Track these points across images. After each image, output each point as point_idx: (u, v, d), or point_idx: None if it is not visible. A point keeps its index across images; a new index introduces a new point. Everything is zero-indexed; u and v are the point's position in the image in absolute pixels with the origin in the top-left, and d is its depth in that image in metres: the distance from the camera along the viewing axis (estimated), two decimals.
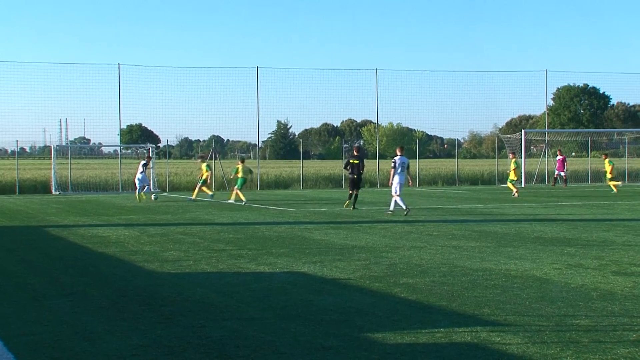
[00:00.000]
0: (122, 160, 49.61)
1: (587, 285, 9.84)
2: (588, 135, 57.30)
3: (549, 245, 14.26)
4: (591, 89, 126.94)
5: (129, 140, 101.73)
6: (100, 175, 46.51)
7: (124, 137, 56.26)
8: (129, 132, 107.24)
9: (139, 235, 17.16)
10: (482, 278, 10.54)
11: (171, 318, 8.22)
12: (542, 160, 50.89)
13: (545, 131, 57.40)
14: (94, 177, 45.23)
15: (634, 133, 65.18)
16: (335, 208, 26.06)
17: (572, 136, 69.80)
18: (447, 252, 13.52)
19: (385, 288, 9.89)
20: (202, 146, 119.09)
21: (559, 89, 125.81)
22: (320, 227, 18.68)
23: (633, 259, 12.23)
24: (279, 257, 13.11)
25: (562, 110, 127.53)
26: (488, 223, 19.44)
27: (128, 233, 17.78)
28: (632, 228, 17.58)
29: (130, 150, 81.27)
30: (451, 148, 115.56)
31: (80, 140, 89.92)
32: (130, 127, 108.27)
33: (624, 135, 61.10)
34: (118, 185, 42.77)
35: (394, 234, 16.92)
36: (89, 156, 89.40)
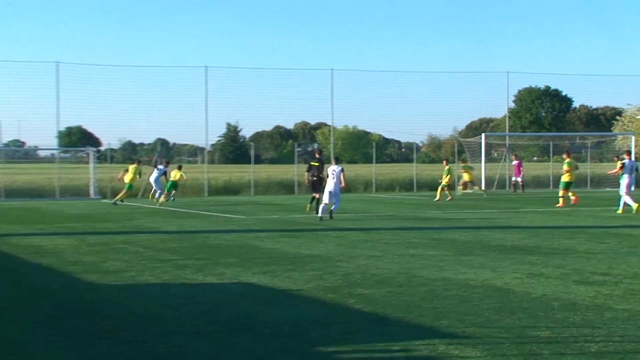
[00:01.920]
0: (60, 164, 48.96)
1: (548, 295, 9.97)
2: (550, 139, 58.12)
3: (510, 254, 14.43)
4: (553, 91, 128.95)
5: (68, 143, 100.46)
6: (37, 180, 45.86)
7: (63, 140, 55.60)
8: (68, 134, 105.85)
9: (78, 245, 16.95)
10: (441, 288, 10.62)
11: (112, 333, 8.12)
12: (502, 165, 51.48)
13: (506, 135, 58.14)
14: (30, 182, 44.59)
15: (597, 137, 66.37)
16: (288, 215, 26.05)
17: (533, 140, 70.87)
18: (405, 261, 13.59)
19: (340, 299, 9.91)
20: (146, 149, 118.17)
21: (520, 91, 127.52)
22: (272, 235, 18.65)
23: (595, 268, 12.44)
24: (228, 267, 13.06)
25: (523, 113, 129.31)
26: (447, 230, 19.60)
27: (66, 242, 17.55)
28: (595, 235, 17.87)
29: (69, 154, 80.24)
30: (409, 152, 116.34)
31: (14, 143, 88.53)
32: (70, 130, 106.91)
33: (586, 139, 62.15)
34: (55, 191, 42.20)
35: (349, 242, 16.96)
36: (23, 160, 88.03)
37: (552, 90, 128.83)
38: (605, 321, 8.39)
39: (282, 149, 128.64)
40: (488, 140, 50.33)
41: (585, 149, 59.65)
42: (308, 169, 26.70)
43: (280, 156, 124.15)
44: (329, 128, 64.01)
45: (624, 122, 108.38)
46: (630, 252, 14.52)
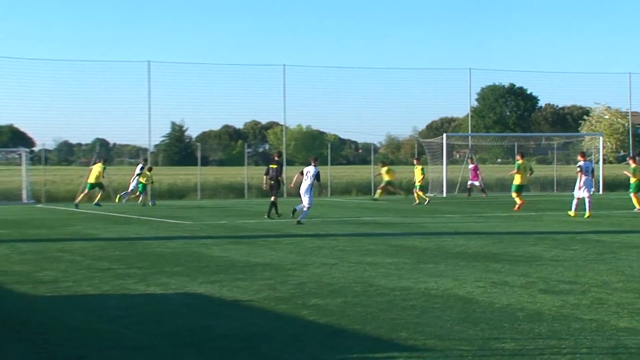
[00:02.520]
0: None
1: (513, 305, 10.07)
2: (514, 140, 58.75)
3: (472, 261, 14.55)
4: (518, 89, 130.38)
5: None
6: None
7: None
8: None
9: (9, 253, 16.71)
10: (400, 298, 10.67)
11: (46, 348, 8.02)
12: (465, 167, 51.92)
13: (469, 135, 58.64)
14: None
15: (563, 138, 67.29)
16: (237, 220, 25.99)
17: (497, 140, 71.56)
18: (361, 269, 13.63)
19: (293, 310, 9.90)
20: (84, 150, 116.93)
21: (483, 88, 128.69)
22: (220, 242, 18.59)
23: (562, 276, 12.60)
24: (173, 276, 12.98)
25: (486, 112, 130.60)
26: (406, 237, 19.71)
27: None
28: (561, 242, 18.11)
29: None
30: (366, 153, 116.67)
31: None
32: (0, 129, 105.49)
33: (552, 140, 62.95)
34: None
35: (303, 249, 16.97)
36: None
37: (516, 88, 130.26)
38: (572, 332, 8.50)
39: (231, 150, 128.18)
40: (450, 140, 50.77)
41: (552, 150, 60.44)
42: (266, 172, 27.05)
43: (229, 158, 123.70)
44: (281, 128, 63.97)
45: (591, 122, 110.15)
46: (598, 259, 14.74)
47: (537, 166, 67.34)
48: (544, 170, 56.12)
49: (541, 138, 69.92)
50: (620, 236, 19.34)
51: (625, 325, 8.81)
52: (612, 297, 10.55)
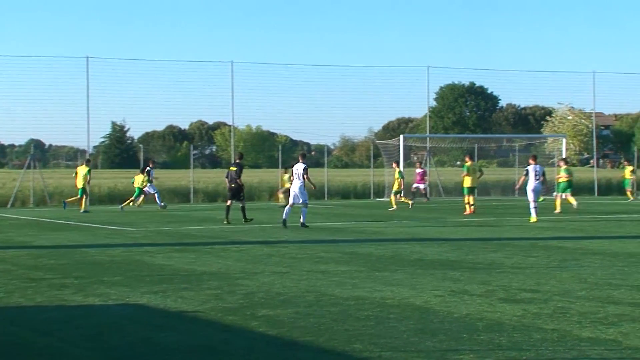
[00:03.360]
0: None
1: (472, 315, 10.17)
2: (475, 142, 59.26)
3: (430, 269, 14.65)
4: (478, 88, 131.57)
5: None
6: None
7: None
8: None
9: None
10: (354, 308, 10.71)
11: None
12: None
13: (427, 136, 59.00)
14: None
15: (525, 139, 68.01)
16: (182, 227, 25.88)
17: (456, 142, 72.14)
18: (314, 278, 13.65)
19: (241, 321, 9.89)
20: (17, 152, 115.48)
21: (442, 87, 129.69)
22: (163, 250, 18.49)
23: (523, 284, 12.74)
24: (113, 286, 12.89)
25: (445, 112, 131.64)
26: (361, 243, 19.77)
27: None
28: (522, 248, 18.31)
29: None
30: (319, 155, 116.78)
31: None
32: None
33: (514, 142, 63.59)
34: None
35: (252, 257, 16.95)
36: None
37: (477, 87, 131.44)
38: (534, 343, 8.61)
39: (176, 151, 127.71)
40: (407, 142, 51.05)
41: (513, 153, 61.06)
42: (226, 174, 27.71)
43: (173, 160, 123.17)
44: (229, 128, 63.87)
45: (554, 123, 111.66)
46: (560, 267, 14.93)
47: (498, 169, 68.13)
48: (505, 174, 56.75)
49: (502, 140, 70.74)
50: (582, 242, 19.62)
51: (587, 335, 8.94)
52: (574, 306, 10.69)
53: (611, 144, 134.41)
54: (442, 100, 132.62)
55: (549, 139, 79.34)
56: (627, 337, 8.80)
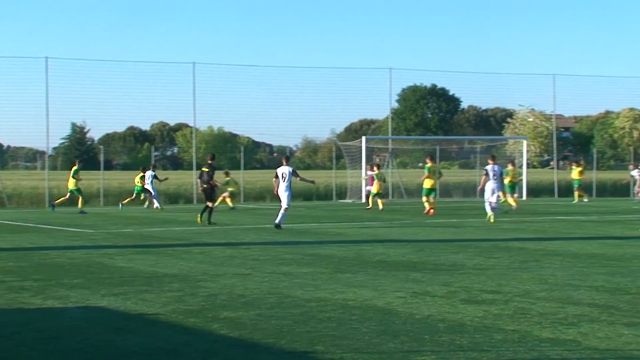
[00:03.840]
0: None
1: (434, 316, 10.21)
2: (436, 143, 59.60)
3: (392, 271, 14.70)
4: (440, 90, 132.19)
5: None
6: None
7: None
8: None
9: None
10: (316, 310, 10.71)
11: None
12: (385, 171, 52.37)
13: (389, 138, 59.25)
14: None
15: (486, 141, 68.43)
16: (143, 228, 25.74)
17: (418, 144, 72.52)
18: (276, 279, 13.65)
19: (203, 324, 9.86)
20: None
21: (404, 89, 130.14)
22: (124, 252, 18.38)
23: (484, 285, 12.82)
24: (72, 289, 12.79)
25: (408, 114, 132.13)
26: (324, 245, 19.79)
27: None
28: (484, 249, 18.43)
29: None
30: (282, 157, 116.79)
31: None
32: None
33: (475, 144, 63.98)
34: None
35: (214, 258, 16.90)
36: None
37: (438, 89, 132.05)
38: (495, 344, 8.66)
39: (137, 153, 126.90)
40: (369, 144, 51.13)
41: (475, 155, 61.44)
42: (199, 175, 28.06)
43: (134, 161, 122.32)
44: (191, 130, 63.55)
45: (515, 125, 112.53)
46: (521, 268, 15.05)
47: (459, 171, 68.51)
48: (467, 175, 57.07)
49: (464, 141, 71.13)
50: (543, 243, 19.78)
51: (547, 335, 9.02)
52: (534, 307, 10.78)
53: (571, 146, 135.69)
54: (405, 102, 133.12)
55: (510, 141, 79.82)
56: (586, 338, 8.88)
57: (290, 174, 24.97)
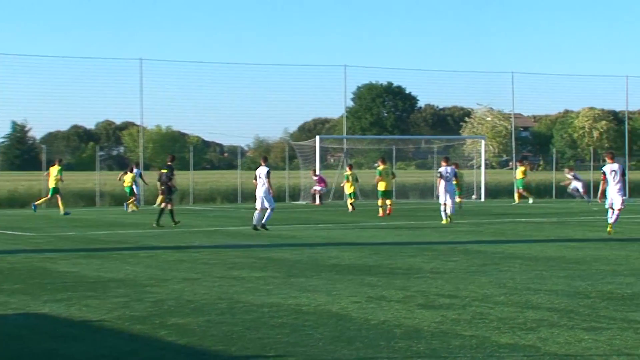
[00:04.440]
0: None
1: (390, 322, 10.25)
2: (393, 143, 59.82)
3: (347, 274, 14.72)
4: (396, 88, 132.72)
5: None
6: None
7: None
8: None
9: None
10: (268, 315, 10.70)
11: None
12: (340, 172, 52.46)
13: (344, 137, 59.31)
14: None
15: (444, 141, 68.87)
16: (88, 232, 25.54)
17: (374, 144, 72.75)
18: (227, 284, 13.61)
19: (149, 331, 9.81)
20: None
21: (359, 87, 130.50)
22: (68, 256, 18.23)
23: (441, 289, 12.89)
24: (12, 295, 12.65)
25: (363, 112, 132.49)
26: (276, 248, 19.78)
27: None
28: (441, 252, 18.53)
29: None
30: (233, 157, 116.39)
31: None
32: None
33: (432, 144, 64.32)
34: None
35: (162, 262, 16.82)
36: None
37: (395, 87, 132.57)
38: (452, 350, 8.72)
39: (81, 152, 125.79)
40: (323, 143, 51.24)
41: (432, 155, 61.75)
42: (158, 177, 28.48)
43: (78, 161, 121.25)
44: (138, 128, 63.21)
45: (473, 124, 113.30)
46: (479, 271, 15.15)
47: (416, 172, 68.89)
48: (424, 176, 57.36)
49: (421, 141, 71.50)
50: (502, 246, 19.93)
51: (506, 341, 9.09)
52: (493, 312, 10.86)
53: (530, 146, 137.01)
54: (360, 100, 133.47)
55: (468, 141, 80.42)
56: (545, 343, 8.97)
57: (266, 175, 25.30)
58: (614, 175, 22.96)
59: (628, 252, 18.26)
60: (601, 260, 16.79)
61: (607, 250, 18.64)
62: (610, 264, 16.14)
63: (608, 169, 23.14)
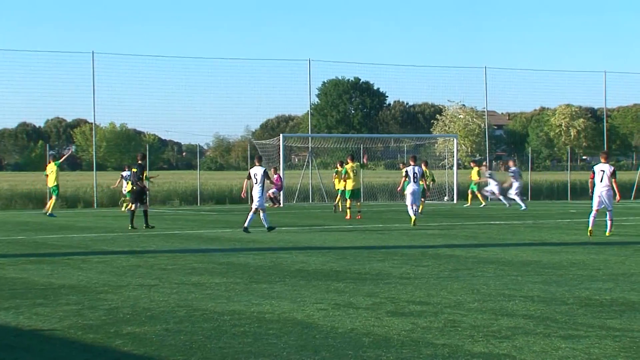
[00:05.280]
0: None
1: (358, 330, 10.27)
2: (360, 142, 59.90)
3: (312, 280, 14.73)
4: (364, 84, 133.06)
5: None
6: None
7: None
8: None
9: None
10: (230, 324, 10.69)
11: None
12: (305, 172, 52.54)
13: (309, 136, 59.38)
14: None
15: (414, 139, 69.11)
16: (38, 235, 25.37)
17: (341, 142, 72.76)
18: (186, 291, 13.58)
19: (104, 340, 9.76)
20: None
21: (325, 83, 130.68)
22: (16, 262, 18.11)
23: (411, 296, 12.94)
24: None
25: (329, 109, 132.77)
26: (238, 253, 19.75)
27: None
28: (411, 257, 18.59)
29: None
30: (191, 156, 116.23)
31: None
32: None
33: (402, 142, 64.55)
34: None
35: (116, 268, 16.75)
36: None
37: (362, 83, 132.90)
38: (423, 359, 8.75)
39: (30, 151, 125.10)
40: (287, 142, 51.27)
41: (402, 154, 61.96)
42: (128, 177, 29.46)
43: (27, 161, 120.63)
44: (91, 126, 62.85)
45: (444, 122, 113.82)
46: (451, 277, 15.22)
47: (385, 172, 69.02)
48: (392, 177, 57.49)
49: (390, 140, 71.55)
50: (475, 250, 20.04)
51: (480, 349, 9.14)
52: (466, 319, 10.91)
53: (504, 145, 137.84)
54: (326, 96, 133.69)
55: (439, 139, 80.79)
56: (521, 352, 9.02)
57: (263, 176, 25.73)
58: (602, 176, 23.27)
59: (606, 257, 18.42)
60: (578, 264, 16.92)
61: (585, 255, 18.79)
62: (587, 268, 16.27)
63: (598, 169, 23.49)
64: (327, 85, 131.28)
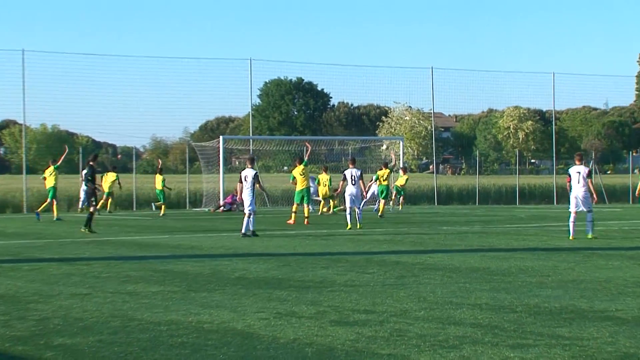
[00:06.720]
0: None
1: (300, 340, 10.26)
2: (303, 144, 59.99)
3: (253, 289, 14.71)
4: (307, 84, 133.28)
5: None
6: None
7: None
8: None
9: None
10: (167, 334, 10.63)
11: None
12: None
13: (250, 138, 59.34)
14: None
15: (359, 142, 69.30)
16: None
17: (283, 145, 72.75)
18: (120, 300, 13.49)
19: (33, 352, 9.67)
20: None
21: (267, 83, 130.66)
22: None
23: (356, 304, 12.96)
24: None
25: (271, 111, 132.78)
26: (175, 260, 19.66)
27: None
28: (356, 264, 18.62)
29: None
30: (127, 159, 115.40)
31: None
32: None
33: (347, 145, 64.73)
34: None
35: (47, 276, 16.59)
36: None
37: (305, 83, 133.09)
38: None
39: None
40: (227, 144, 51.14)
41: (346, 157, 62.10)
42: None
43: None
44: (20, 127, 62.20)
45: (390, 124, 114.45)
46: (397, 284, 15.27)
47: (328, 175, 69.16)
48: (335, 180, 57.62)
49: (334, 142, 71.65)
50: (422, 257, 20.13)
51: (426, 359, 9.17)
52: (412, 328, 10.95)
53: (452, 148, 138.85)
54: (267, 97, 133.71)
55: (385, 142, 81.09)
56: None
57: (253, 178, 26.01)
58: (578, 178, 23.73)
59: (555, 263, 18.61)
60: (527, 271, 17.07)
61: (534, 261, 18.96)
62: (536, 275, 16.42)
63: (573, 171, 23.95)
64: (269, 85, 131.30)
